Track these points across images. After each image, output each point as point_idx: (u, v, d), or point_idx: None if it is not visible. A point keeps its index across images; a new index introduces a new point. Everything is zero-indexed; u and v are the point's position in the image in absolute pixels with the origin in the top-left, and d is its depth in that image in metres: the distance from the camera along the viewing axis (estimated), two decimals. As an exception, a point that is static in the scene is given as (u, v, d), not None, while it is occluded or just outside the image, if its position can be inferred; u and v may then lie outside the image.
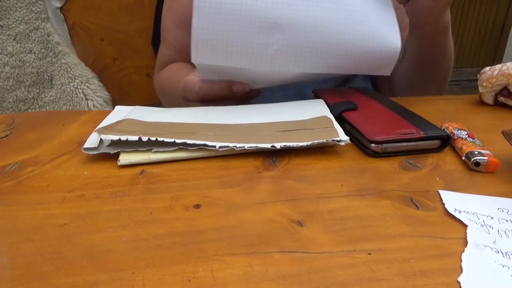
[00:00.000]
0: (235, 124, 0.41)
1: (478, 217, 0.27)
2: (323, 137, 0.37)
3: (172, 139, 0.36)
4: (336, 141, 0.37)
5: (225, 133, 0.38)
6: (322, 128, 0.39)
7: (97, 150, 0.36)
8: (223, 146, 0.36)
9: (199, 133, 0.38)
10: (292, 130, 0.39)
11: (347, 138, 0.37)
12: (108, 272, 0.23)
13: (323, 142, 0.36)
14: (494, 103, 0.50)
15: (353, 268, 0.23)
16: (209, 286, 0.22)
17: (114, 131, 0.37)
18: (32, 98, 1.05)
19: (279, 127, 0.40)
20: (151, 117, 0.42)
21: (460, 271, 0.23)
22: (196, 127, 0.40)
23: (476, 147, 0.36)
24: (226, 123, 0.41)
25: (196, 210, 0.29)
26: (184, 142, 0.36)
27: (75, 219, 0.28)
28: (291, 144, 0.36)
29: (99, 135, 0.37)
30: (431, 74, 0.57)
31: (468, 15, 2.81)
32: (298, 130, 0.39)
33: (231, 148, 0.36)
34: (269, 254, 0.25)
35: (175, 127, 0.39)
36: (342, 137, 0.37)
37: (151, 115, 0.42)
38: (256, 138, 0.38)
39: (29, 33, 1.00)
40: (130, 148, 0.36)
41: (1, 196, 0.31)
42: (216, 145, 0.36)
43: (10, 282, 0.23)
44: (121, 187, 0.32)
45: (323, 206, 0.29)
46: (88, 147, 0.36)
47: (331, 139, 0.36)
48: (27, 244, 0.26)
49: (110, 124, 0.39)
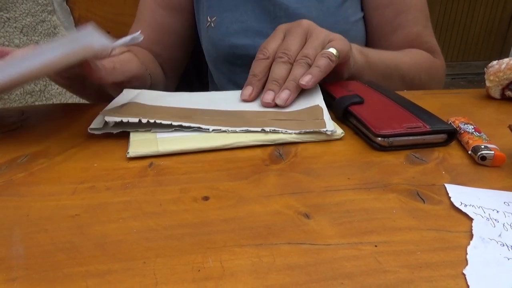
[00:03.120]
0: (232, 110, 0.43)
1: (484, 211, 0.28)
2: (310, 127, 0.39)
3: (169, 122, 0.39)
4: (324, 131, 0.38)
5: (220, 118, 0.41)
6: (312, 120, 0.41)
7: (102, 130, 0.39)
8: (216, 129, 0.39)
9: (195, 117, 0.40)
10: (283, 120, 0.41)
11: (333, 129, 0.38)
12: (120, 261, 0.24)
13: (311, 131, 0.38)
14: (501, 97, 0.50)
15: (359, 259, 0.24)
16: (218, 276, 0.23)
17: (118, 113, 0.39)
18: (39, 91, 1.06)
19: (273, 115, 0.42)
20: (155, 101, 0.45)
21: (465, 263, 0.23)
22: (194, 112, 0.42)
23: (482, 141, 0.36)
24: (224, 109, 0.44)
25: (205, 202, 0.29)
26: (180, 125, 0.38)
27: (87, 210, 0.29)
28: (280, 129, 0.38)
29: (103, 116, 0.39)
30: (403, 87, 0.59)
31: (475, 7, 2.78)
32: (289, 120, 0.41)
33: (223, 131, 0.38)
34: (276, 246, 0.25)
35: (174, 111, 0.42)
36: (329, 127, 0.38)
37: (156, 99, 0.45)
38: (248, 122, 0.40)
39: (36, 26, 1.01)
40: (131, 129, 0.39)
41: (14, 187, 0.32)
42: (209, 128, 0.38)
43: (25, 270, 0.23)
44: (131, 179, 0.32)
45: (329, 199, 0.30)
46: (94, 127, 0.39)
47: (318, 129, 0.38)
48: (41, 234, 0.26)
49: (116, 107, 0.42)
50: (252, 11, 0.64)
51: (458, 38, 2.88)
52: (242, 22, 0.64)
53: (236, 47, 0.64)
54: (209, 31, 0.67)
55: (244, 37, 0.64)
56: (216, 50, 0.67)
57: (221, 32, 0.65)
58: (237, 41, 0.64)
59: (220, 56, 0.67)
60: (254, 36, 0.63)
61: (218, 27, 0.65)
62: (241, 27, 0.64)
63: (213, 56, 0.69)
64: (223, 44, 0.65)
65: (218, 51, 0.67)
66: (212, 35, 0.66)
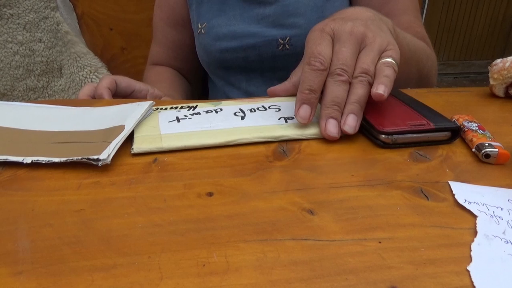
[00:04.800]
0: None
1: (488, 208, 0.28)
2: (79, 154, 0.33)
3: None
4: (92, 159, 0.32)
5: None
6: (100, 142, 0.35)
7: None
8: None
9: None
10: (63, 143, 0.36)
11: (106, 158, 0.32)
12: (125, 256, 0.24)
13: (77, 159, 0.33)
14: (505, 96, 0.50)
15: (363, 255, 0.24)
16: (223, 271, 0.23)
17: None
18: (41, 87, 1.06)
19: (58, 138, 0.37)
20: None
21: (469, 260, 0.24)
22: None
23: (486, 139, 0.36)
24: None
25: (209, 198, 0.30)
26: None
27: (92, 205, 0.29)
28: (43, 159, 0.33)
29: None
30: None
31: (478, 6, 2.77)
32: (69, 143, 0.36)
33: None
34: (281, 241, 0.25)
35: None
36: (102, 156, 0.32)
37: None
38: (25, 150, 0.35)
39: (39, 22, 1.01)
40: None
41: (19, 182, 0.32)
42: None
43: (31, 264, 0.23)
44: (135, 174, 0.33)
45: (333, 195, 0.30)
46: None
47: (86, 157, 0.32)
48: (46, 229, 0.26)
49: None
50: (241, 15, 0.65)
51: (461, 37, 2.87)
52: (230, 25, 0.66)
53: (226, 51, 0.66)
54: (200, 38, 0.69)
55: (233, 39, 0.65)
56: (207, 55, 0.69)
57: (211, 38, 0.67)
58: (227, 45, 0.66)
59: (213, 60, 0.69)
60: (242, 38, 0.65)
61: (208, 33, 0.67)
62: (229, 30, 0.65)
63: (206, 61, 0.71)
64: (213, 49, 0.67)
65: (209, 56, 0.69)
66: (203, 42, 0.68)
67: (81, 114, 0.43)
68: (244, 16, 0.65)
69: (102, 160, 0.32)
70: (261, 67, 0.67)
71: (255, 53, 0.65)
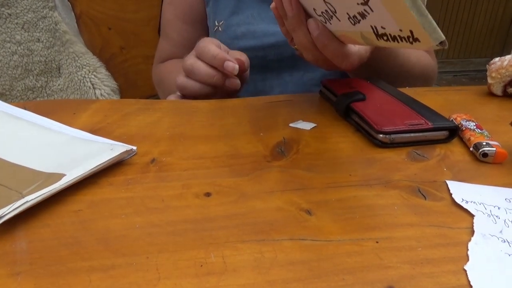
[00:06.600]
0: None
1: (485, 207, 0.28)
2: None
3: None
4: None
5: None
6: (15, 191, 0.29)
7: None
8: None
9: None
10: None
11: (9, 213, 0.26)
12: (123, 256, 0.24)
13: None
14: (503, 94, 0.50)
15: (361, 255, 0.24)
16: (220, 271, 0.23)
17: None
18: (40, 87, 1.06)
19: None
20: None
21: (466, 259, 0.24)
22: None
23: (484, 138, 0.36)
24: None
25: (207, 198, 0.30)
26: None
27: (89, 205, 0.29)
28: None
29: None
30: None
31: (477, 4, 2.76)
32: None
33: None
34: (278, 242, 0.25)
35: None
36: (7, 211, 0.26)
37: None
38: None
39: (37, 22, 1.01)
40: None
41: (16, 183, 0.32)
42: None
43: (29, 265, 0.23)
44: (133, 175, 0.33)
45: (331, 195, 0.30)
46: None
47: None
48: (44, 229, 0.26)
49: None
50: (259, 14, 0.65)
51: (460, 35, 2.87)
52: (248, 24, 0.65)
53: (245, 49, 0.65)
54: (217, 35, 0.68)
55: (252, 38, 0.65)
56: None
57: (229, 36, 0.66)
58: (245, 44, 0.65)
59: None
60: (262, 37, 0.64)
61: (225, 31, 0.66)
62: (248, 29, 0.65)
63: None
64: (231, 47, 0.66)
65: None
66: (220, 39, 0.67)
67: (47, 140, 0.37)
68: (263, 16, 0.65)
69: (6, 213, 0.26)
70: (279, 67, 0.67)
71: (274, 52, 0.65)
